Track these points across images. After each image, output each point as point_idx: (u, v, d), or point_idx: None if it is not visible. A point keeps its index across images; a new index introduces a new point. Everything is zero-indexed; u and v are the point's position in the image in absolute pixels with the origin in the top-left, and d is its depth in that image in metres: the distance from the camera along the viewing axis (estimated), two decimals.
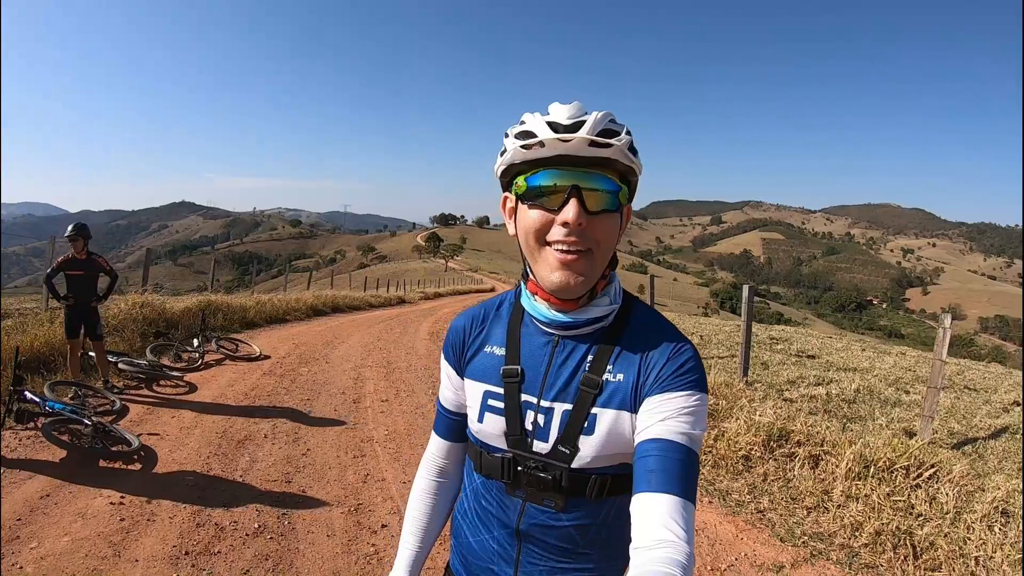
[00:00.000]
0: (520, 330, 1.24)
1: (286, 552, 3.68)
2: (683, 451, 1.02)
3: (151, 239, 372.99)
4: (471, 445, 1.29)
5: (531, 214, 1.09)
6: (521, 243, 1.14)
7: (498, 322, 1.29)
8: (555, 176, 1.06)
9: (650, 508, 0.97)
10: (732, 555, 3.87)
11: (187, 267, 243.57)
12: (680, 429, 1.03)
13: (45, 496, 4.23)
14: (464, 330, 1.31)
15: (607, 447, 1.11)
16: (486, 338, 1.28)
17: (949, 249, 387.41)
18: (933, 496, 4.25)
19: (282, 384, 7.92)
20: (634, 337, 1.16)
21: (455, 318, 1.36)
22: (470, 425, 1.28)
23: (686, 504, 0.98)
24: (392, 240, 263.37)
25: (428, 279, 55.13)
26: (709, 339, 12.64)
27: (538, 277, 1.12)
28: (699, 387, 1.09)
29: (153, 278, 13.30)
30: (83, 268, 6.61)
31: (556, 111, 1.08)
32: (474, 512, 1.28)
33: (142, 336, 9.24)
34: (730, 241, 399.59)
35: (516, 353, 1.21)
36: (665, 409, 1.06)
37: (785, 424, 5.39)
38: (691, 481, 1.01)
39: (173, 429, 5.76)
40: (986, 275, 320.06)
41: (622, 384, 1.12)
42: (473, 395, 1.25)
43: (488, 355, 1.26)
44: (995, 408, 7.74)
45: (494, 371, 1.23)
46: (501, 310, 1.30)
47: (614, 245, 1.13)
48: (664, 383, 1.08)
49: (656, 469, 1.00)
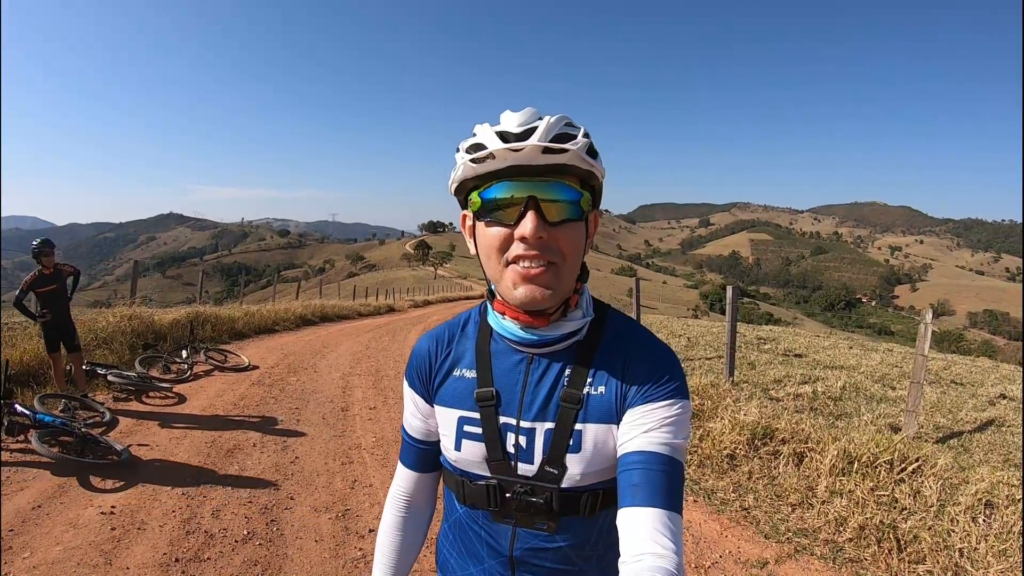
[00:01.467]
0: (490, 350, 1.17)
1: (275, 557, 3.70)
2: (667, 462, 1.00)
3: (139, 251, 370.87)
4: (450, 475, 1.20)
5: (489, 231, 1.04)
6: (482, 262, 1.08)
7: (465, 343, 1.21)
8: (509, 188, 1.01)
9: (637, 522, 0.95)
10: (716, 552, 3.92)
11: (175, 279, 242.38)
12: (663, 440, 1.01)
13: (37, 507, 4.24)
14: (429, 354, 1.23)
15: (595, 463, 1.07)
16: (455, 361, 1.20)
17: (936, 245, 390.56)
18: (917, 490, 4.27)
19: (271, 394, 7.92)
20: (612, 348, 1.13)
21: (417, 341, 1.27)
22: (446, 454, 1.20)
23: (672, 516, 0.96)
24: (381, 248, 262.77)
25: (417, 287, 55.14)
26: (697, 340, 12.71)
27: (503, 295, 1.08)
28: (680, 395, 1.06)
29: (141, 290, 13.24)
30: (54, 282, 6.58)
31: (507, 119, 1.02)
32: (461, 544, 1.21)
33: (131, 348, 9.21)
34: (719, 243, 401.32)
35: (489, 375, 1.15)
36: (647, 420, 1.03)
37: (770, 422, 5.43)
38: (676, 492, 0.99)
39: (163, 440, 5.76)
40: (974, 270, 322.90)
41: (604, 397, 1.08)
42: (447, 422, 1.18)
43: (458, 379, 1.18)
44: (981, 402, 7.81)
45: (467, 396, 1.16)
46: (467, 330, 1.23)
47: (581, 255, 1.08)
48: (646, 393, 1.06)
49: (641, 482, 0.98)
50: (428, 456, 1.27)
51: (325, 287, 36.60)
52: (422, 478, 1.30)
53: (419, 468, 1.29)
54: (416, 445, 1.28)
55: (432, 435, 1.24)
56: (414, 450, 1.28)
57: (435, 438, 1.24)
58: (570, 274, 1.06)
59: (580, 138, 1.01)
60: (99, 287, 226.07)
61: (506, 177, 1.02)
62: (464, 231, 1.14)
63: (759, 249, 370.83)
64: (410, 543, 1.33)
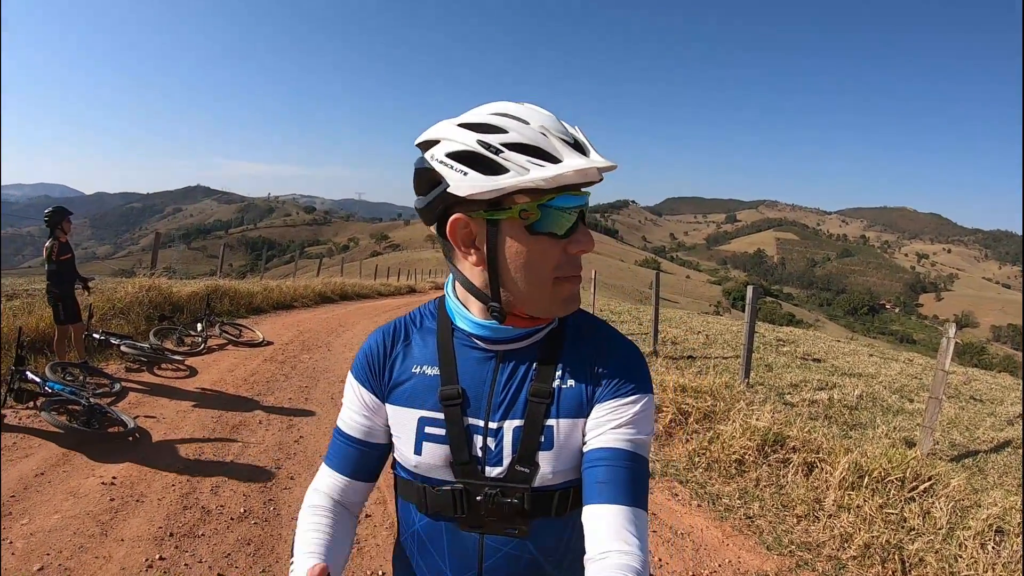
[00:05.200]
0: (453, 345, 1.11)
1: (268, 537, 3.69)
2: (631, 458, 1.00)
3: (165, 222, 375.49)
4: (407, 484, 1.12)
5: (541, 243, 0.97)
6: (517, 276, 0.99)
7: (424, 338, 1.14)
8: (573, 201, 0.97)
9: (602, 520, 0.95)
10: (716, 561, 3.83)
11: (200, 251, 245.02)
12: (628, 436, 1.01)
13: (40, 474, 4.28)
14: (383, 347, 1.14)
15: (567, 459, 1.05)
16: (413, 357, 1.12)
17: (964, 256, 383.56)
18: (927, 510, 4.17)
19: (282, 371, 7.95)
20: (578, 343, 1.11)
21: (369, 335, 1.19)
22: (403, 460, 1.12)
23: (638, 512, 0.96)
24: (406, 228, 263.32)
25: (439, 269, 55.04)
26: (715, 338, 12.55)
27: (535, 308, 1.02)
28: (646, 390, 1.06)
29: (165, 261, 13.35)
30: (69, 251, 6.62)
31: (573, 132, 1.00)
32: (421, 561, 1.13)
33: (147, 319, 9.28)
34: (744, 240, 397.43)
35: (453, 372, 1.08)
36: (614, 416, 1.02)
37: (782, 429, 5.33)
38: (641, 489, 0.98)
39: (170, 412, 5.80)
40: (1000, 283, 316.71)
41: (574, 390, 1.06)
42: (403, 423, 1.10)
43: (418, 376, 1.10)
44: (1000, 420, 7.62)
45: (429, 394, 1.09)
46: (424, 325, 1.16)
47: None
48: (613, 388, 1.05)
49: (607, 480, 0.97)
50: (364, 459, 1.15)
51: (347, 265, 36.73)
52: (352, 485, 1.16)
53: (350, 472, 1.15)
54: (352, 445, 1.14)
55: (373, 436, 1.14)
56: (347, 449, 1.15)
57: (376, 440, 1.15)
58: None
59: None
60: (124, 256, 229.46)
61: (570, 190, 0.97)
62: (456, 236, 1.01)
63: (785, 248, 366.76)
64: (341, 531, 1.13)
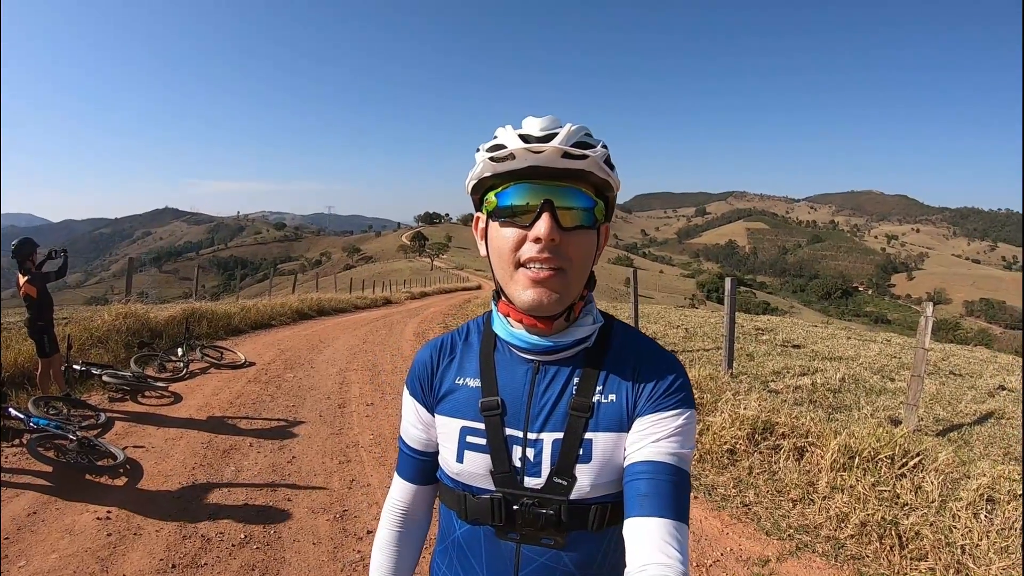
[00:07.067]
0: (495, 358, 1.16)
1: (272, 561, 3.66)
2: (674, 472, 1.00)
3: (135, 247, 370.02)
4: (449, 491, 1.16)
5: (503, 232, 1.04)
6: (493, 263, 1.08)
7: (469, 351, 1.20)
8: (527, 190, 1.02)
9: (644, 533, 0.95)
10: (718, 550, 3.89)
11: (172, 274, 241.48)
12: (670, 449, 1.01)
13: (32, 514, 4.19)
14: (432, 362, 1.21)
15: (606, 473, 1.06)
16: (458, 370, 1.18)
17: (933, 234, 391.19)
18: (918, 485, 4.26)
19: (267, 391, 7.88)
20: (619, 356, 1.12)
21: (420, 349, 1.26)
22: (446, 467, 1.17)
23: (679, 526, 0.96)
24: (377, 240, 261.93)
25: (414, 278, 54.90)
26: (695, 331, 12.69)
27: (511, 297, 1.07)
28: (688, 404, 1.07)
29: (138, 286, 13.19)
30: (43, 277, 6.40)
31: (529, 124, 1.04)
32: (459, 568, 1.16)
33: (126, 347, 9.12)
34: (715, 232, 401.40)
35: (493, 383, 1.13)
36: (657, 430, 1.03)
37: (770, 416, 5.41)
38: (683, 502, 0.99)
39: (158, 441, 5.72)
40: (970, 259, 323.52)
41: (615, 404, 1.07)
42: (448, 433, 1.15)
43: (462, 388, 1.16)
44: (980, 393, 7.80)
45: (471, 405, 1.14)
46: (471, 338, 1.22)
47: (590, 264, 1.08)
48: (655, 402, 1.06)
49: (649, 493, 0.98)
50: (426, 467, 1.25)
51: (322, 279, 36.39)
52: (421, 490, 1.28)
53: (417, 480, 1.27)
54: (415, 456, 1.25)
55: (432, 446, 1.22)
56: (413, 461, 1.26)
57: (435, 449, 1.22)
58: (578, 281, 1.06)
59: (599, 148, 1.03)
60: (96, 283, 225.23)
61: (524, 179, 1.03)
62: (476, 233, 1.14)
63: (755, 238, 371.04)
64: (408, 558, 1.30)
